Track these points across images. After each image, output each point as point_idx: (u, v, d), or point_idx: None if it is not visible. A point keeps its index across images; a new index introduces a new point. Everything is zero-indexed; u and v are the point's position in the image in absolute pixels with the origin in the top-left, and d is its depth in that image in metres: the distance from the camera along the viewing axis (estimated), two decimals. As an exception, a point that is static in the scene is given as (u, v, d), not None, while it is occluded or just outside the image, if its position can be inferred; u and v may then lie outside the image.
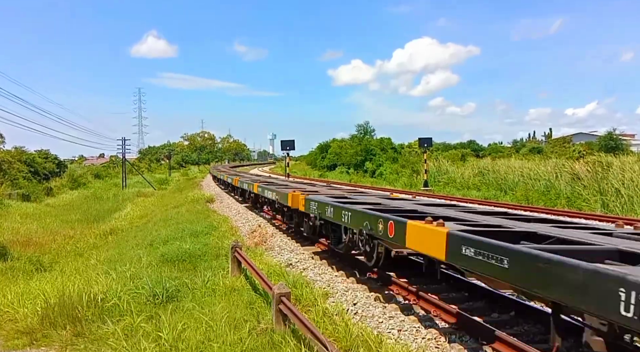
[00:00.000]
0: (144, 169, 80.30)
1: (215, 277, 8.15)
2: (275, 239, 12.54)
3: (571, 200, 22.52)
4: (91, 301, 6.98)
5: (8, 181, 39.25)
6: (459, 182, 33.10)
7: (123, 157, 59.85)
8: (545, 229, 5.03)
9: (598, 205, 20.72)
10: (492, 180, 30.47)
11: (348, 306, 6.82)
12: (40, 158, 57.49)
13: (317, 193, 11.02)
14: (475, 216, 6.43)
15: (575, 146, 47.74)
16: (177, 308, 6.74)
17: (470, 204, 18.39)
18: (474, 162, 38.14)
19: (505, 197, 26.02)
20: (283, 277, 7.84)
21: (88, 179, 60.48)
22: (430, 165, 36.32)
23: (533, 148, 55.67)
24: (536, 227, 5.22)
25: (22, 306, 7.72)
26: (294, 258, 10.18)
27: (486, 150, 66.12)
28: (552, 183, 25.31)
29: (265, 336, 5.57)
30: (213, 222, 15.16)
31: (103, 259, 12.71)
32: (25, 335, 6.63)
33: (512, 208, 18.54)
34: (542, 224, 5.80)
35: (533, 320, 6.06)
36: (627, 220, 15.21)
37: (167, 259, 9.97)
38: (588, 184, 22.75)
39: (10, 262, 13.59)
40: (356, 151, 58.74)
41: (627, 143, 52.11)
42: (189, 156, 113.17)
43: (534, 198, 23.81)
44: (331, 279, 8.44)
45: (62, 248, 17.72)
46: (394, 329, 5.96)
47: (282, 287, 5.79)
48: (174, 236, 12.79)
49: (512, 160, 32.58)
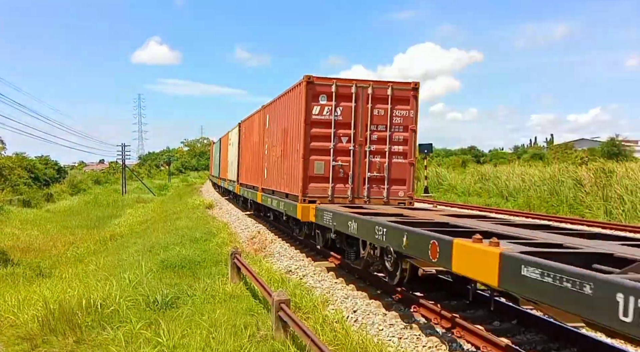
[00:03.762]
0: (143, 175, 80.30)
1: (214, 284, 8.13)
2: (275, 246, 12.52)
3: (573, 207, 22.46)
4: (91, 307, 6.96)
5: (9, 187, 39.27)
6: (460, 189, 33.06)
7: (123, 163, 59.88)
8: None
9: (601, 212, 20.65)
10: (493, 186, 30.42)
11: (348, 313, 6.79)
12: (40, 164, 57.52)
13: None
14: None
15: (578, 152, 47.63)
16: (177, 315, 6.71)
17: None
18: (474, 168, 38.11)
19: (506, 204, 25.98)
20: (283, 284, 7.82)
21: (88, 185, 60.53)
22: (430, 172, 36.30)
23: (535, 154, 55.58)
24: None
25: (23, 312, 7.71)
26: (293, 265, 10.16)
27: (487, 156, 66.20)
28: (554, 189, 25.26)
29: (265, 343, 5.55)
30: (212, 229, 15.15)
31: (103, 265, 12.69)
32: (25, 341, 6.61)
33: (514, 215, 18.50)
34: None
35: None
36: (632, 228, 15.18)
37: (167, 265, 9.95)
38: (591, 191, 22.69)
39: (11, 268, 13.58)
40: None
41: (631, 149, 51.89)
42: (189, 162, 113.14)
43: (535, 205, 23.76)
44: (331, 286, 8.42)
45: (62, 254, 17.70)
46: (395, 336, 5.93)
47: (282, 294, 5.77)
48: (174, 242, 12.77)
49: (515, 166, 32.51)
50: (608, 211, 20.54)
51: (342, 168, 10.71)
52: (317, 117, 10.57)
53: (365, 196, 10.76)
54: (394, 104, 10.69)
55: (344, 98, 10.60)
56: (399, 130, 10.81)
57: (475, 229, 5.45)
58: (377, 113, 10.68)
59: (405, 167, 10.88)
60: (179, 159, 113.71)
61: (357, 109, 10.62)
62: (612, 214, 20.19)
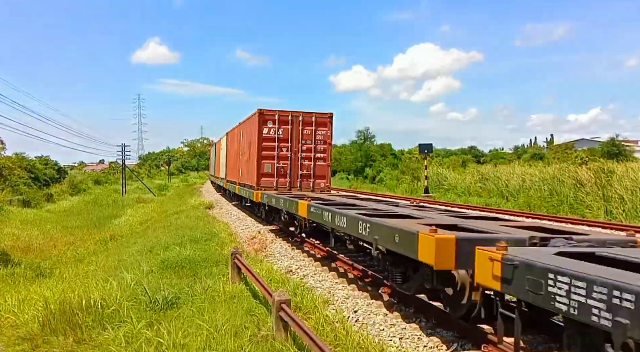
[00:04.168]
0: (143, 175, 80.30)
1: (215, 284, 8.12)
2: (275, 246, 12.51)
3: (574, 207, 22.45)
4: (91, 307, 6.95)
5: (9, 187, 39.27)
6: (460, 189, 33.06)
7: (123, 163, 59.86)
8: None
9: (601, 212, 20.64)
10: (493, 186, 30.41)
11: (349, 313, 6.78)
12: (40, 164, 57.50)
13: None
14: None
15: (578, 152, 47.65)
16: (177, 315, 6.71)
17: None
18: (475, 168, 38.11)
19: (507, 204, 25.97)
20: (283, 284, 7.81)
21: (88, 185, 60.49)
22: (430, 172, 36.31)
23: (535, 154, 55.59)
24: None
25: (23, 312, 7.71)
26: (294, 265, 10.15)
27: (487, 156, 66.23)
28: (554, 189, 25.25)
29: (265, 343, 5.55)
30: (213, 229, 15.14)
31: (103, 265, 12.70)
32: (26, 341, 6.62)
33: (516, 215, 18.51)
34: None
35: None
36: (633, 227, 15.17)
37: (167, 265, 9.94)
38: (591, 191, 22.68)
39: (11, 268, 13.57)
40: (356, 157, 58.76)
41: (631, 149, 51.92)
42: (189, 162, 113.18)
43: (536, 205, 23.76)
44: (332, 286, 8.41)
45: (63, 254, 17.70)
46: (396, 337, 5.92)
47: (283, 294, 5.76)
48: (174, 242, 12.76)
49: (515, 166, 32.49)
50: (608, 210, 20.54)
51: (282, 168, 16.16)
52: (266, 136, 16.14)
53: (299, 186, 16.24)
54: (316, 127, 16.34)
55: (283, 123, 16.13)
56: (320, 143, 16.40)
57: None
58: (306, 133, 16.27)
59: (324, 168, 16.59)
60: (179, 159, 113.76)
61: (292, 130, 16.21)
62: (612, 214, 20.18)
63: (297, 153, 16.04)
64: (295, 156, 16.08)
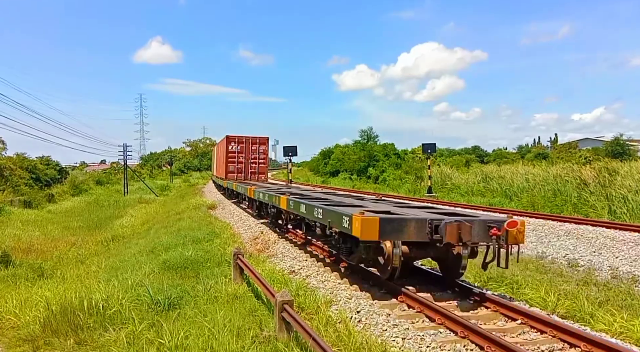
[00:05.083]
0: (145, 175, 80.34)
1: (217, 285, 8.08)
2: (278, 246, 12.46)
3: (578, 206, 22.34)
4: (93, 308, 6.92)
5: (10, 188, 39.27)
6: (463, 189, 32.94)
7: (125, 163, 59.80)
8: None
9: (605, 212, 20.53)
10: (497, 186, 30.29)
11: (351, 314, 6.73)
12: (42, 165, 57.45)
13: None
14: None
15: (582, 152, 47.53)
16: (180, 316, 6.67)
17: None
18: (478, 168, 37.97)
19: (510, 204, 25.86)
20: (286, 285, 7.76)
21: (90, 186, 60.44)
22: (433, 171, 36.20)
23: (539, 154, 55.45)
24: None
25: (24, 313, 7.67)
26: (296, 265, 10.10)
27: (491, 156, 66.03)
28: (558, 189, 25.12)
29: (268, 344, 5.50)
30: (215, 229, 15.10)
31: (105, 266, 12.66)
32: (27, 342, 6.58)
33: (520, 214, 18.44)
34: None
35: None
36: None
37: (169, 266, 9.91)
38: (595, 190, 22.55)
39: (12, 269, 13.51)
40: (359, 157, 58.58)
41: (635, 148, 51.79)
42: (191, 162, 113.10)
43: (540, 204, 23.64)
44: (334, 286, 8.35)
45: (64, 255, 17.64)
46: (398, 337, 5.87)
47: (285, 295, 5.71)
48: (176, 243, 12.73)
49: (519, 166, 32.33)
50: (612, 210, 20.42)
51: (241, 169, 27.77)
52: (231, 151, 27.68)
53: (249, 179, 27.61)
54: (258, 145, 28.20)
55: (241, 143, 27.74)
56: (261, 154, 28.31)
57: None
58: (253, 148, 28.05)
59: (264, 168, 28.60)
60: (181, 160, 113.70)
61: (246, 147, 27.88)
62: (616, 214, 20.06)
63: (248, 159, 27.97)
64: (247, 162, 27.96)
